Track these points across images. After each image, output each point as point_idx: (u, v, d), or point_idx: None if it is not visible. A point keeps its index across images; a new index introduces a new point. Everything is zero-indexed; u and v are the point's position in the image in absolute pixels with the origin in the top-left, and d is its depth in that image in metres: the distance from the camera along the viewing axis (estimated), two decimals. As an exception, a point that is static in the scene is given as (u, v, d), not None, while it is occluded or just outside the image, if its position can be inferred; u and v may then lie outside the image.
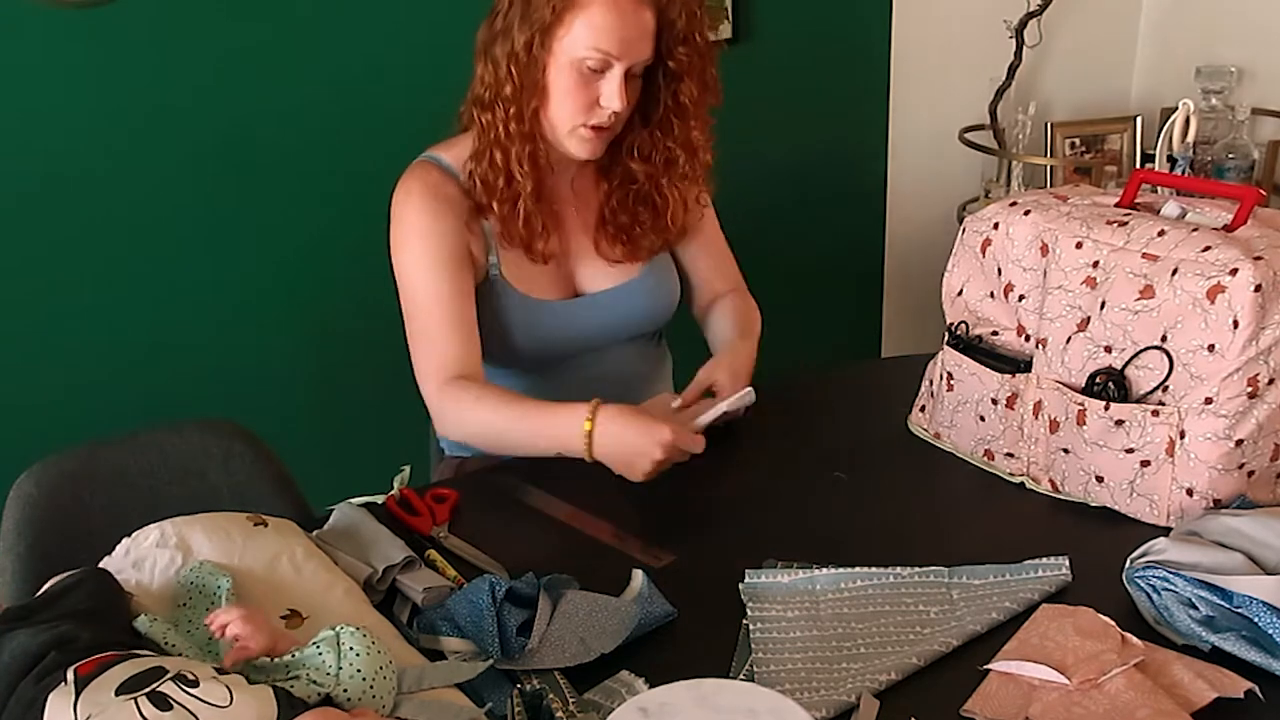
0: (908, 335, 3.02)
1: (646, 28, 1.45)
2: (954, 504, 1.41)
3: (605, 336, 1.65)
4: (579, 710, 1.01)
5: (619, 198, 1.62)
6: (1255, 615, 1.05)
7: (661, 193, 1.61)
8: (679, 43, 1.48)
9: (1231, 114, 2.59)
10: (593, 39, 1.43)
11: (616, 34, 1.43)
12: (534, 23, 1.43)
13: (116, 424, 1.49)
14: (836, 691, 1.03)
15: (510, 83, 1.46)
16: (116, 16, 1.94)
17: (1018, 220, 1.40)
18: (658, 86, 1.53)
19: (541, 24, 1.43)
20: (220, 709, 0.88)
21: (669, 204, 1.61)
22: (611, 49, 1.43)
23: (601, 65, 1.45)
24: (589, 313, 1.63)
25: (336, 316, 2.22)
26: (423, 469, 1.74)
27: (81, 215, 2.01)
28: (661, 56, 1.49)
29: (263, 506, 1.29)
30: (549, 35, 1.44)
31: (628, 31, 1.43)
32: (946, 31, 2.82)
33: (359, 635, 0.99)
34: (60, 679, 0.88)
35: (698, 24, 1.49)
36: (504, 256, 1.57)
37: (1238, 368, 1.22)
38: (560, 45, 1.44)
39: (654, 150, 1.58)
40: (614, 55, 1.44)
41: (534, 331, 1.59)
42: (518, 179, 1.51)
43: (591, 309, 1.63)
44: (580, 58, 1.44)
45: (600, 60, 1.44)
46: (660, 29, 1.47)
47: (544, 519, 1.37)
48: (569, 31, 1.43)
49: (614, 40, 1.43)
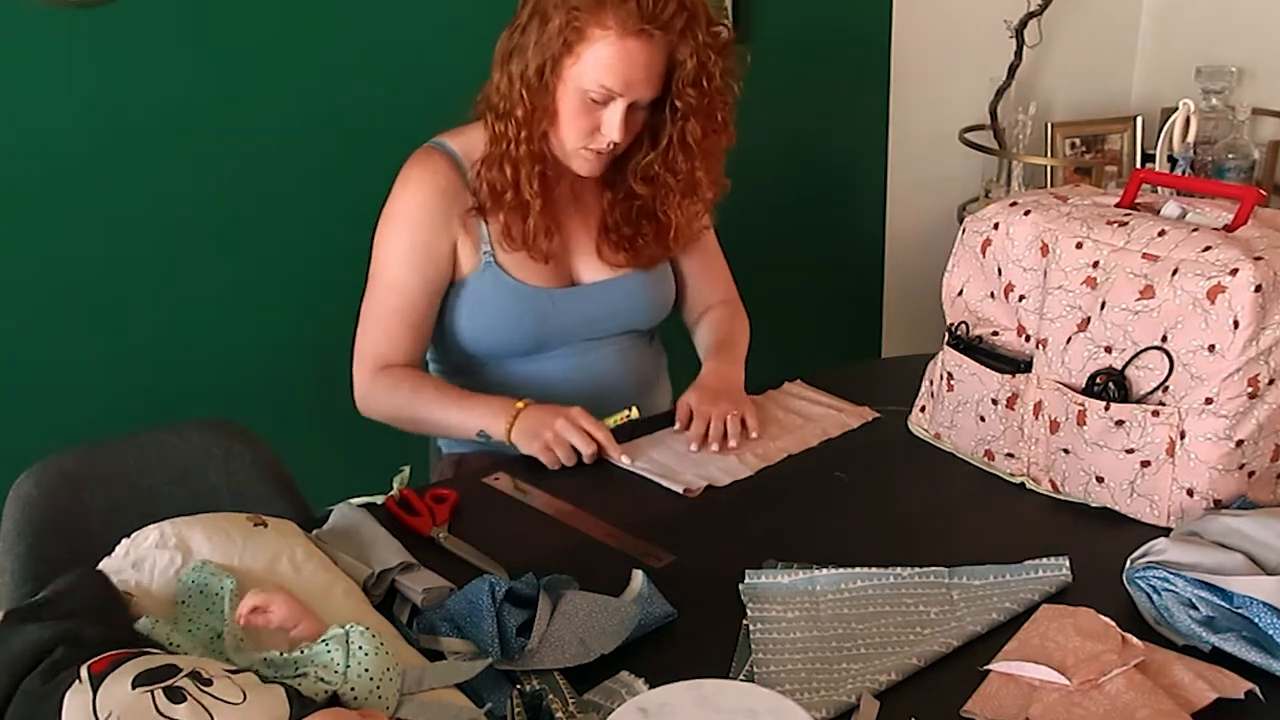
0: (908, 335, 3.02)
1: (653, 69, 1.48)
2: (954, 504, 1.41)
3: (599, 327, 1.67)
4: (579, 711, 1.01)
5: (622, 210, 1.64)
6: (1255, 616, 1.05)
7: (665, 213, 1.63)
8: (689, 84, 1.51)
9: (1232, 114, 2.59)
10: (598, 75, 1.46)
11: (621, 74, 1.46)
12: (547, 50, 1.47)
13: (116, 424, 1.50)
14: (837, 692, 1.03)
15: (522, 105, 1.50)
16: (116, 16, 1.93)
17: (1018, 220, 1.40)
18: (666, 117, 1.55)
19: (554, 53, 1.46)
20: (234, 706, 0.88)
21: (672, 224, 1.64)
22: (615, 86, 1.47)
23: (604, 99, 1.48)
24: (584, 301, 1.65)
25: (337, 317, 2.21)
26: (422, 469, 1.74)
27: (81, 215, 2.00)
28: (671, 93, 1.52)
29: (262, 507, 1.29)
30: (559, 64, 1.47)
31: (632, 73, 1.47)
32: (946, 31, 2.81)
33: (368, 635, 0.99)
34: (73, 677, 0.88)
35: (711, 69, 1.51)
36: (500, 247, 1.59)
37: (1238, 368, 1.22)
38: (569, 73, 1.48)
39: (658, 175, 1.60)
40: (616, 92, 1.48)
41: (527, 317, 1.61)
42: (527, 196, 1.54)
43: (587, 297, 1.65)
44: (585, 89, 1.47)
45: (603, 95, 1.48)
46: (670, 68, 1.50)
47: (544, 519, 1.37)
48: (577, 62, 1.47)
49: (618, 79, 1.46)
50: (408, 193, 1.58)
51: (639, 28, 1.44)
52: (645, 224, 1.64)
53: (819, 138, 2.82)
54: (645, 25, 1.44)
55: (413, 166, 1.59)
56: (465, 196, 1.58)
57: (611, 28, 1.44)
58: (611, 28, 1.44)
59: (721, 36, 1.52)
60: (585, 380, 1.62)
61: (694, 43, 1.48)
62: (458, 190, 1.58)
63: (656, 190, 1.61)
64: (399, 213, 1.58)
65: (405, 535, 1.28)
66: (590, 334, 1.66)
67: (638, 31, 1.44)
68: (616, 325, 1.69)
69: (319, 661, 0.97)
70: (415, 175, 1.58)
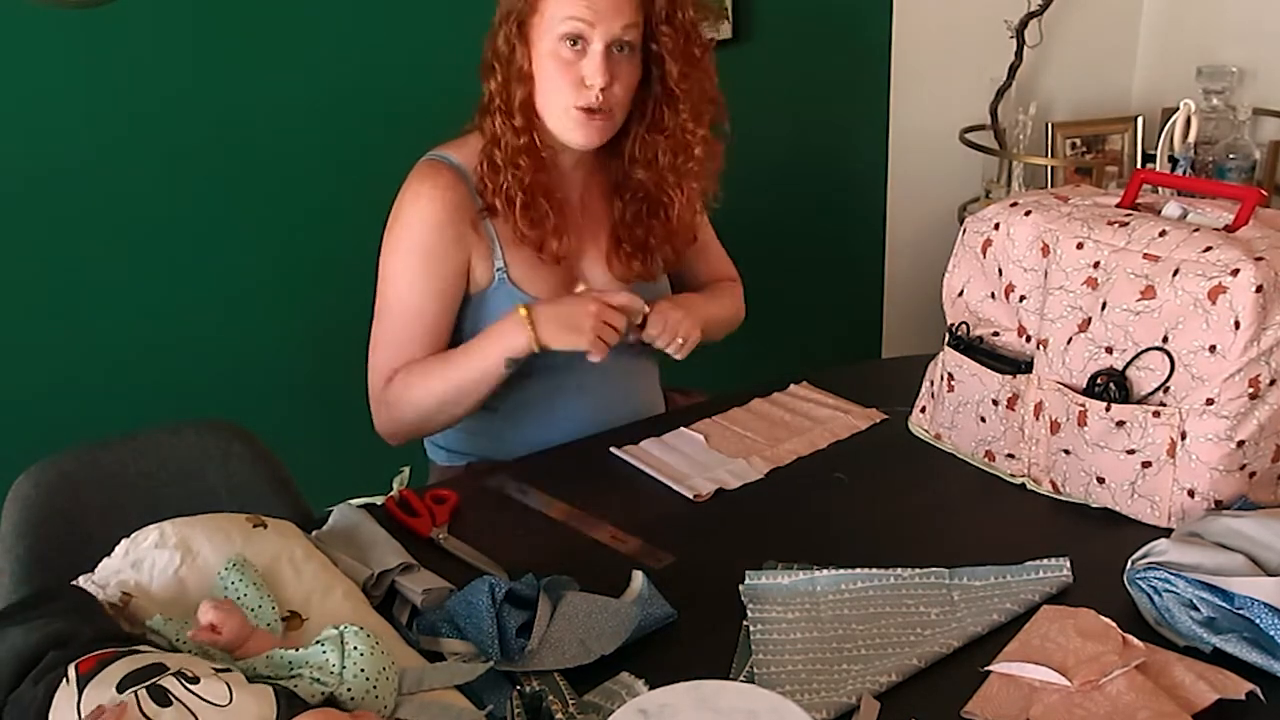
0: (908, 335, 3.02)
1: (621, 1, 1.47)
2: (954, 505, 1.40)
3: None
4: (579, 712, 1.01)
5: (632, 212, 1.63)
6: (1256, 617, 1.05)
7: (666, 193, 1.61)
8: (661, 21, 1.50)
9: (1233, 114, 2.59)
10: (564, 8, 1.45)
11: (585, 1, 1.45)
12: (511, 15, 1.47)
13: (115, 425, 1.49)
14: (837, 693, 1.03)
15: (495, 78, 1.50)
16: (116, 16, 1.93)
17: (1018, 221, 1.40)
18: (651, 80, 1.54)
19: (518, 14, 1.47)
20: (219, 707, 0.88)
21: (674, 204, 1.62)
22: (583, 15, 1.45)
23: (578, 36, 1.46)
24: None
25: (336, 317, 2.21)
26: (422, 470, 1.74)
27: (80, 215, 2.00)
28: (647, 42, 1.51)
29: (261, 507, 1.29)
30: (526, 25, 1.47)
31: (597, 1, 1.45)
32: (947, 31, 2.81)
33: (363, 635, 0.99)
34: (61, 676, 0.88)
35: (680, 4, 1.50)
36: (512, 259, 1.57)
37: (1239, 368, 1.22)
38: (538, 31, 1.47)
39: (652, 151, 1.58)
40: (586, 20, 1.45)
41: None
42: (520, 169, 1.51)
43: None
44: (557, 36, 1.46)
45: (575, 29, 1.45)
46: (646, 14, 1.49)
47: (544, 519, 1.37)
48: (543, 16, 1.46)
49: (583, 6, 1.44)
50: (417, 211, 1.52)
51: None
52: (655, 223, 1.63)
53: (819, 138, 2.82)
54: None
55: (420, 181, 1.54)
56: (473, 206, 1.55)
57: None
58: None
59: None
60: (593, 392, 1.61)
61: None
62: (466, 202, 1.54)
63: (653, 171, 1.59)
64: (411, 237, 1.53)
65: (405, 536, 1.28)
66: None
67: None
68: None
69: (314, 662, 0.97)
70: (425, 192, 1.52)
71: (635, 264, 1.63)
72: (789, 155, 2.76)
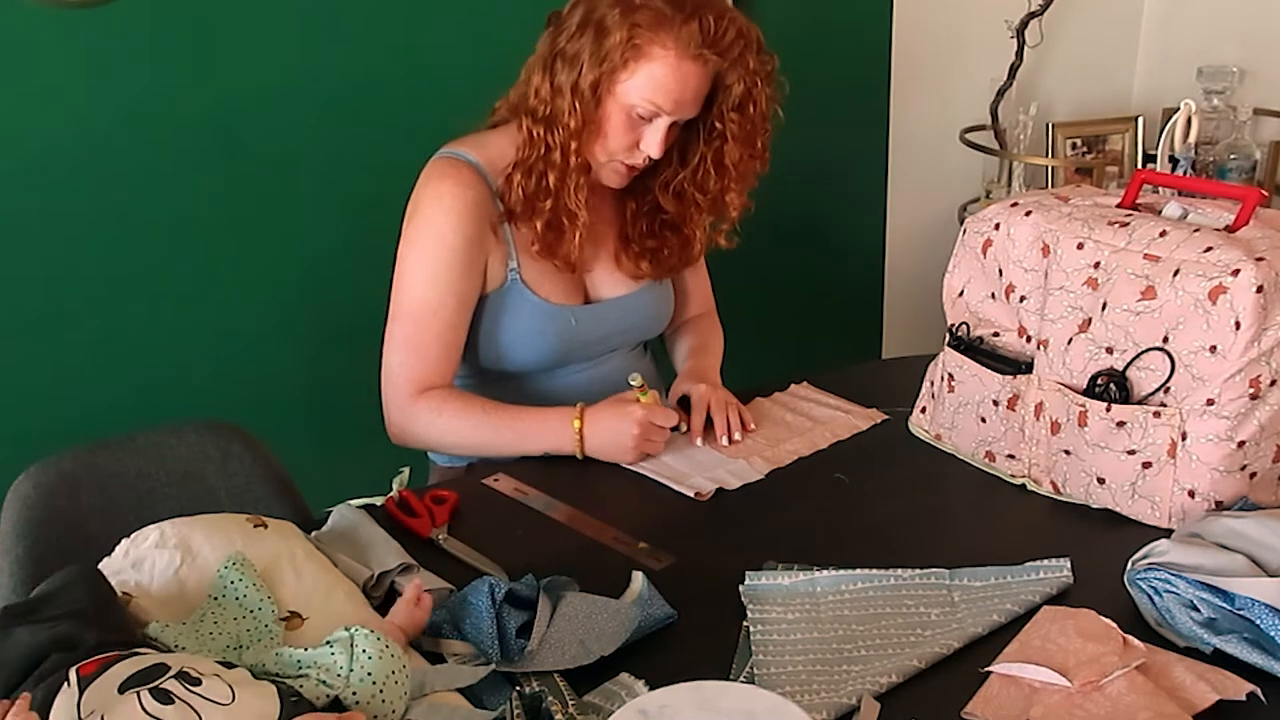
0: (908, 336, 3.01)
1: (701, 91, 1.49)
2: (955, 506, 1.40)
3: (615, 340, 1.68)
4: (579, 713, 1.01)
5: (647, 223, 1.64)
6: (1257, 617, 1.05)
7: (691, 230, 1.64)
8: (733, 109, 1.51)
9: (1233, 114, 2.59)
10: (649, 93, 1.46)
11: (673, 95, 1.46)
12: (603, 63, 1.45)
13: (115, 425, 1.49)
14: (837, 694, 1.03)
15: (574, 116, 1.48)
16: (116, 16, 1.93)
17: (1019, 221, 1.40)
18: (700, 136, 1.56)
19: (610, 67, 1.45)
20: (222, 706, 0.87)
21: (696, 241, 1.66)
22: (665, 106, 1.47)
23: (650, 116, 1.48)
24: (603, 317, 1.65)
25: (336, 317, 2.21)
26: (422, 471, 1.74)
27: (80, 215, 2.00)
28: (710, 114, 1.52)
29: (261, 508, 1.29)
30: (614, 79, 1.46)
31: (684, 93, 1.47)
32: (947, 31, 2.81)
33: (373, 638, 0.98)
34: (63, 680, 0.88)
35: (757, 96, 1.52)
36: (525, 261, 1.57)
37: (1239, 369, 1.22)
38: (621, 87, 1.47)
39: (685, 193, 1.61)
40: (665, 110, 1.47)
41: (549, 336, 1.60)
42: (573, 207, 1.52)
43: (606, 314, 1.65)
44: (632, 104, 1.47)
45: (650, 112, 1.47)
46: (715, 89, 1.50)
47: (544, 520, 1.37)
48: (631, 77, 1.46)
49: (669, 99, 1.47)
50: (440, 209, 1.51)
51: (697, 51, 1.44)
52: (670, 236, 1.65)
53: (819, 138, 2.81)
54: (704, 50, 1.44)
55: (440, 179, 1.52)
56: (493, 207, 1.54)
57: (671, 49, 1.43)
58: (671, 49, 1.43)
59: (770, 65, 1.53)
60: (600, 392, 1.61)
61: (744, 69, 1.49)
62: (487, 202, 1.53)
63: (684, 208, 1.62)
64: (431, 231, 1.51)
65: (405, 537, 1.28)
66: (606, 348, 1.67)
67: (695, 55, 1.44)
68: (631, 338, 1.71)
69: (322, 664, 0.96)
70: (448, 190, 1.51)
71: (644, 265, 1.65)
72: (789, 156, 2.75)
